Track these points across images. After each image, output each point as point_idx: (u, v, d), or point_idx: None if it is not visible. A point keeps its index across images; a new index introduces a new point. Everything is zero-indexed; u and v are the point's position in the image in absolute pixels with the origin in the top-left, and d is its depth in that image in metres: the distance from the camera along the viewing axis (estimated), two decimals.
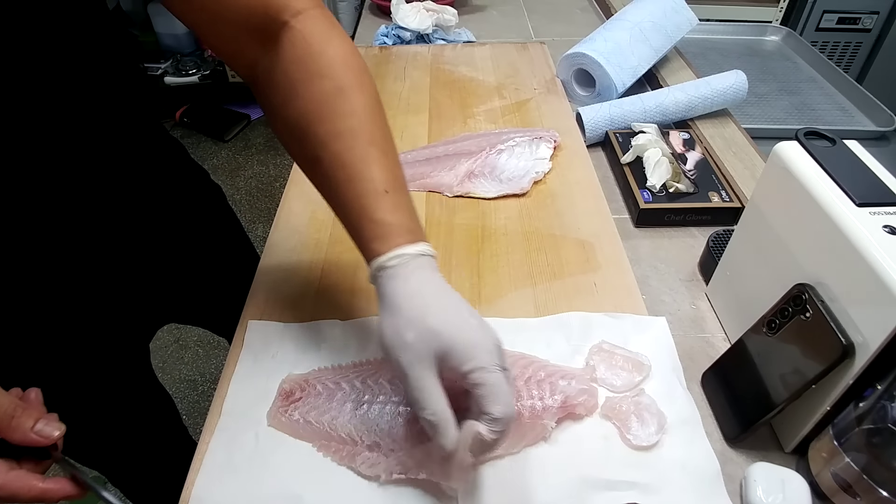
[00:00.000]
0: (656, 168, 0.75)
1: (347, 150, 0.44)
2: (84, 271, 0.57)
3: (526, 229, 0.69)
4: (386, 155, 0.45)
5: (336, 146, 0.44)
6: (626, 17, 0.98)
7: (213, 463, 0.48)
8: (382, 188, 0.44)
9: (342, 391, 0.51)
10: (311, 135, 0.45)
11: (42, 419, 0.40)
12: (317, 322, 0.58)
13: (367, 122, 0.45)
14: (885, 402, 0.40)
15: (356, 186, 0.44)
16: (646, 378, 0.53)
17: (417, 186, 0.75)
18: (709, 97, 0.88)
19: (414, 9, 1.11)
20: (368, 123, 0.45)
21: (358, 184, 0.44)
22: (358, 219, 0.44)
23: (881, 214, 0.42)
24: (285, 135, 0.49)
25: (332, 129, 0.45)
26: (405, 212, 0.44)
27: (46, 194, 0.50)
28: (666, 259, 0.69)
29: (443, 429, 0.39)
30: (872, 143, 1.03)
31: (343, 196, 0.45)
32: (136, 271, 0.63)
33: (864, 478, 0.41)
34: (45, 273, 0.54)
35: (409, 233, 0.43)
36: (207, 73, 2.48)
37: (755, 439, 0.50)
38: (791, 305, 0.46)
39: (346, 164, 0.44)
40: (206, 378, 1.63)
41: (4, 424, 0.38)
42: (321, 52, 0.46)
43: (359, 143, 0.44)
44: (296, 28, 0.46)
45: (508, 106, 0.92)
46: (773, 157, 0.50)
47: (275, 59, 0.47)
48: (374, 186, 0.44)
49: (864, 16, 1.82)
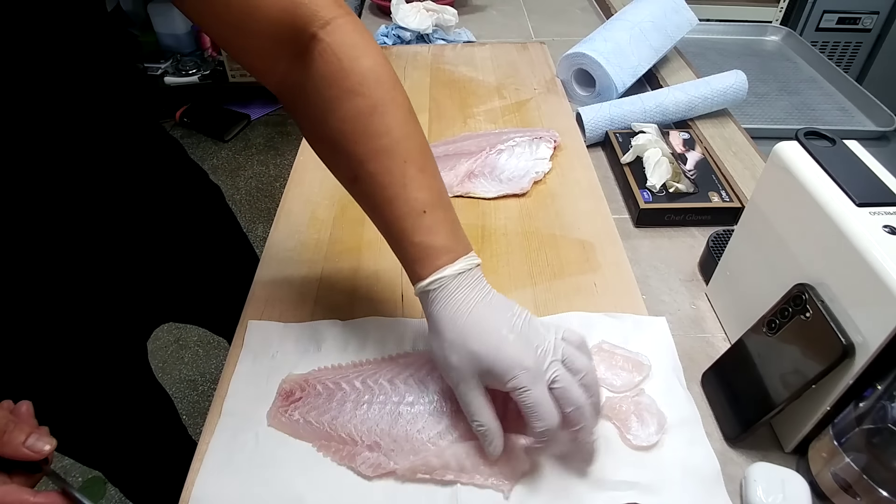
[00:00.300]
0: (656, 168, 0.75)
1: (384, 171, 0.45)
2: (81, 269, 0.57)
3: (526, 229, 0.69)
4: (423, 171, 0.45)
5: (372, 166, 0.45)
6: (626, 17, 0.98)
7: (213, 463, 0.47)
8: (420, 208, 0.44)
9: (342, 391, 0.51)
10: (347, 154, 0.46)
11: (34, 434, 0.40)
12: (317, 322, 0.58)
13: (402, 139, 0.45)
14: (885, 402, 0.40)
15: (395, 208, 0.45)
16: (646, 378, 0.53)
17: None
18: (709, 97, 0.88)
19: (414, 9, 1.11)
20: (403, 140, 0.45)
21: (396, 205, 0.45)
22: (399, 241, 0.45)
23: (881, 214, 0.42)
24: (322, 152, 0.49)
25: (367, 148, 0.45)
26: (444, 230, 0.45)
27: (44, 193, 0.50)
28: (666, 259, 0.69)
29: (490, 438, 0.44)
30: (872, 143, 1.03)
31: (383, 217, 0.46)
32: (133, 269, 0.63)
33: (864, 478, 0.41)
34: (42, 271, 0.54)
35: (449, 252, 0.44)
36: (207, 73, 2.48)
37: (755, 439, 0.50)
38: (791, 305, 0.46)
39: (383, 185, 0.45)
40: (206, 378, 1.63)
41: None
42: (352, 67, 0.45)
43: (395, 162, 0.45)
44: (325, 41, 0.45)
45: (508, 106, 0.92)
46: (773, 157, 0.50)
47: (305, 75, 0.46)
48: (411, 207, 0.44)
49: (864, 16, 1.82)
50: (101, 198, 0.55)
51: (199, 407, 1.56)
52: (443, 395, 0.50)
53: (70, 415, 0.64)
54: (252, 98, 2.64)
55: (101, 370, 0.65)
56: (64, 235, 0.54)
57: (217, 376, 1.59)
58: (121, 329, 0.66)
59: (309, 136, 0.50)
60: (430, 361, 0.52)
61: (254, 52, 0.47)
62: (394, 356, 0.55)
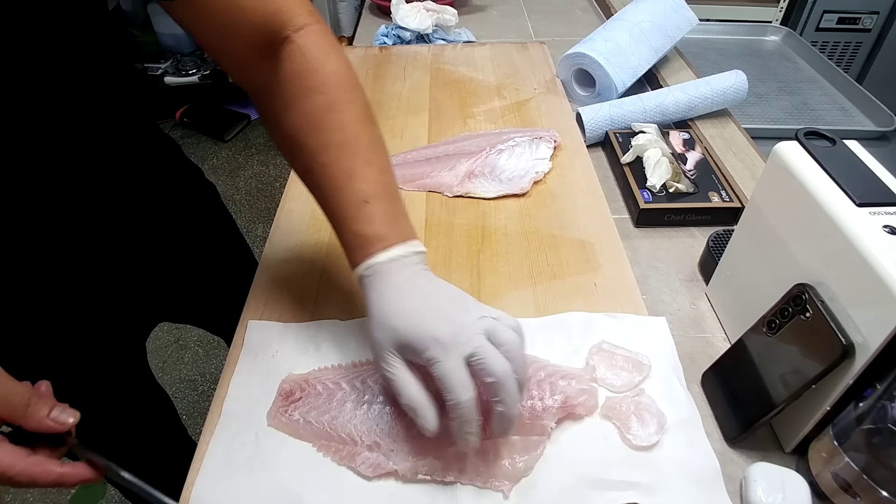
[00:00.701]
0: (656, 168, 0.75)
1: (333, 163, 0.48)
2: (78, 269, 0.57)
3: (526, 229, 0.69)
4: (370, 165, 0.48)
5: (323, 158, 0.48)
6: (626, 17, 0.98)
7: (213, 463, 0.48)
8: (362, 199, 0.47)
9: (342, 391, 0.51)
10: (303, 146, 0.49)
11: (57, 406, 0.41)
12: (317, 322, 0.58)
13: (355, 135, 0.49)
14: (885, 402, 0.40)
15: (339, 197, 0.48)
16: (646, 378, 0.53)
17: (417, 186, 0.75)
18: (709, 97, 0.88)
19: (414, 9, 1.11)
20: (355, 137, 0.49)
21: (340, 195, 0.47)
22: (340, 229, 0.48)
23: (881, 214, 0.42)
24: (281, 143, 0.52)
25: (321, 141, 0.48)
26: (383, 220, 0.47)
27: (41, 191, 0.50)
28: (666, 259, 0.69)
29: (419, 413, 0.43)
30: (872, 143, 1.03)
31: (328, 206, 0.49)
32: (129, 268, 0.63)
33: (864, 478, 0.41)
34: (40, 270, 0.54)
35: (384, 240, 0.46)
36: (207, 73, 2.48)
37: (755, 439, 0.50)
38: (791, 305, 0.46)
39: (331, 176, 0.48)
40: (206, 378, 1.63)
41: (20, 413, 0.39)
42: (317, 68, 0.48)
43: (344, 155, 0.48)
44: (296, 43, 0.48)
45: (508, 106, 0.92)
46: (773, 157, 0.50)
47: (274, 72, 0.49)
48: (354, 198, 0.47)
49: (864, 16, 1.82)
50: (98, 196, 0.55)
51: (199, 407, 1.56)
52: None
53: None
54: None
55: (100, 370, 0.65)
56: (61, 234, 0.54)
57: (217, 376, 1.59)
58: (119, 328, 0.66)
59: (271, 128, 0.53)
60: None
61: (231, 52, 0.50)
62: None
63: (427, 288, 0.46)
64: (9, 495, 1.35)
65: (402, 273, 0.46)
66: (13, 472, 0.38)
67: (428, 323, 0.43)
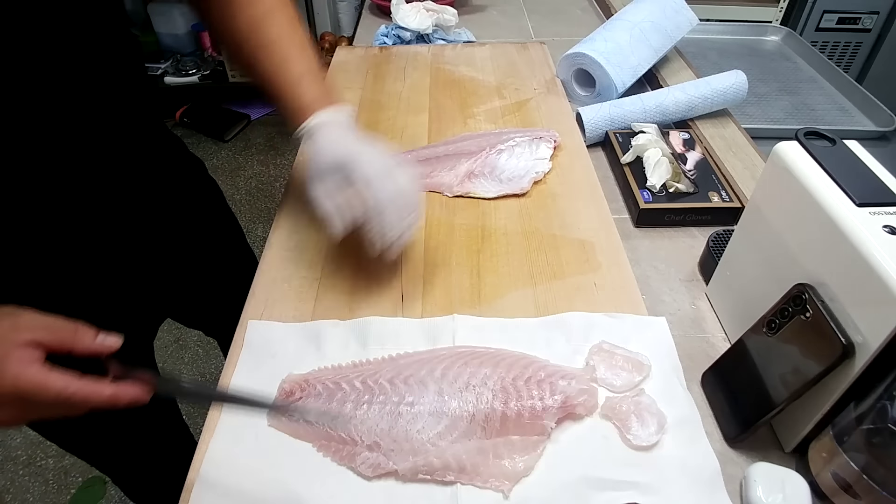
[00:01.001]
0: (656, 168, 0.75)
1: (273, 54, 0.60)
2: (87, 261, 0.58)
3: (526, 229, 0.69)
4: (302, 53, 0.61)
5: (264, 52, 0.60)
6: (626, 17, 0.98)
7: (214, 463, 0.47)
8: (298, 77, 0.60)
9: (342, 391, 0.51)
10: (246, 43, 0.61)
11: (101, 333, 0.43)
12: (317, 322, 0.58)
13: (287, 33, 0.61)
14: (885, 402, 0.40)
15: (279, 77, 0.60)
16: (646, 378, 0.53)
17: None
18: (709, 97, 0.88)
19: (414, 9, 1.11)
20: (288, 34, 0.61)
21: (281, 76, 0.60)
22: (282, 101, 0.60)
23: (881, 214, 0.42)
24: (224, 44, 0.64)
25: (261, 39, 0.60)
26: (316, 92, 0.60)
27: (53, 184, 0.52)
28: (666, 259, 0.69)
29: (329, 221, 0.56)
30: (872, 143, 1.03)
31: (271, 86, 0.60)
32: (138, 261, 0.64)
33: (864, 478, 0.41)
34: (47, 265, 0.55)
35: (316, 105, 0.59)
36: (207, 73, 2.48)
37: (755, 439, 0.50)
38: (791, 305, 0.46)
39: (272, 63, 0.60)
40: (206, 378, 1.63)
41: (70, 337, 0.41)
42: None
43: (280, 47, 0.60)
44: None
45: (508, 106, 0.92)
46: (773, 157, 0.50)
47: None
48: (291, 77, 0.60)
49: (864, 16, 1.82)
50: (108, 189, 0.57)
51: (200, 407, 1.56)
52: (443, 394, 0.50)
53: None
54: (252, 98, 2.64)
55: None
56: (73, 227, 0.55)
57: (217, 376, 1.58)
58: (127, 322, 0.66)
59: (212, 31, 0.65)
60: (430, 361, 0.53)
61: None
62: (394, 356, 0.55)
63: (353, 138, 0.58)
64: (9, 495, 1.35)
65: (334, 130, 0.58)
66: (69, 392, 0.39)
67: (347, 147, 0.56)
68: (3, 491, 1.35)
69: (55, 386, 0.39)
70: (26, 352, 0.39)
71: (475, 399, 0.49)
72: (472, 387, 0.50)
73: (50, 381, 0.39)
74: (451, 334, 0.56)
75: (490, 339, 0.56)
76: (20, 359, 0.39)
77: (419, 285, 0.62)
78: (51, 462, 1.40)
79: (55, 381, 0.39)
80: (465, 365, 0.52)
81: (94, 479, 1.37)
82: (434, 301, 0.61)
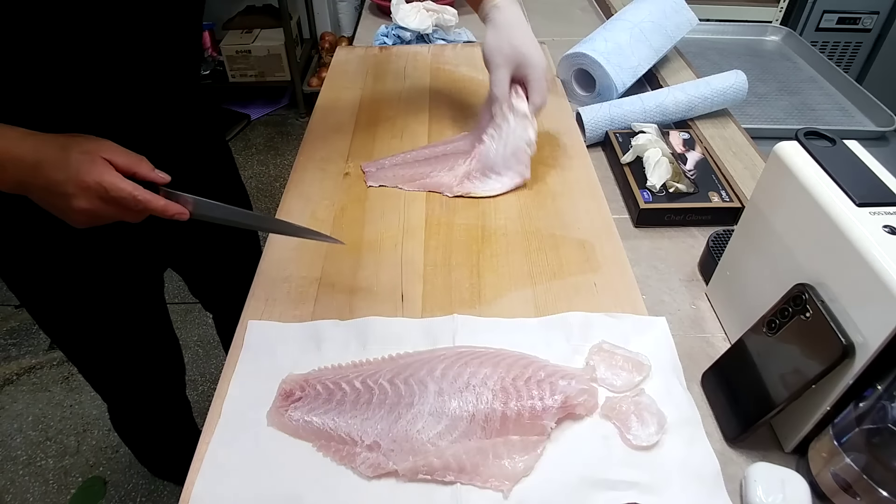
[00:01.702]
0: (656, 168, 0.75)
1: None
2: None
3: (526, 229, 0.69)
4: None
5: None
6: (626, 17, 0.98)
7: (214, 463, 0.47)
8: None
9: (342, 391, 0.51)
10: None
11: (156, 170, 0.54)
12: (317, 322, 0.58)
13: None
14: (885, 402, 0.40)
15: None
16: (646, 378, 0.53)
17: (417, 186, 0.75)
18: (709, 97, 0.88)
19: (414, 9, 1.11)
20: None
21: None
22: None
23: (881, 214, 0.42)
24: None
25: None
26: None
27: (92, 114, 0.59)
28: (666, 259, 0.69)
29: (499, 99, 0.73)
30: (872, 143, 1.03)
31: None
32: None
33: (864, 478, 0.41)
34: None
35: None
36: (207, 73, 2.47)
37: (755, 439, 0.50)
38: (791, 305, 0.46)
39: None
40: (206, 378, 1.63)
41: (136, 164, 0.52)
42: None
43: None
44: None
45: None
46: (773, 157, 0.50)
47: None
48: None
49: (864, 16, 1.82)
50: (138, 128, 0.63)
51: (200, 407, 1.56)
52: (443, 394, 0.50)
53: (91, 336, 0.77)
54: (252, 98, 2.64)
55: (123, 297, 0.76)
56: None
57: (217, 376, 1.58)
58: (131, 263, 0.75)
59: None
60: (430, 361, 0.53)
61: None
62: (394, 356, 0.55)
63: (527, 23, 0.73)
64: (8, 495, 1.35)
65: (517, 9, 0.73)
66: (136, 193, 0.51)
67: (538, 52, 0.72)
68: (3, 491, 1.35)
69: (127, 186, 0.51)
70: (107, 163, 0.51)
71: (475, 399, 0.49)
72: (472, 387, 0.50)
73: (125, 181, 0.51)
74: (451, 334, 0.57)
75: (490, 339, 0.56)
76: (104, 164, 0.51)
77: (419, 285, 0.62)
78: (51, 462, 1.40)
79: (128, 183, 0.51)
80: (465, 365, 0.52)
81: (94, 479, 1.37)
82: (434, 301, 0.61)
